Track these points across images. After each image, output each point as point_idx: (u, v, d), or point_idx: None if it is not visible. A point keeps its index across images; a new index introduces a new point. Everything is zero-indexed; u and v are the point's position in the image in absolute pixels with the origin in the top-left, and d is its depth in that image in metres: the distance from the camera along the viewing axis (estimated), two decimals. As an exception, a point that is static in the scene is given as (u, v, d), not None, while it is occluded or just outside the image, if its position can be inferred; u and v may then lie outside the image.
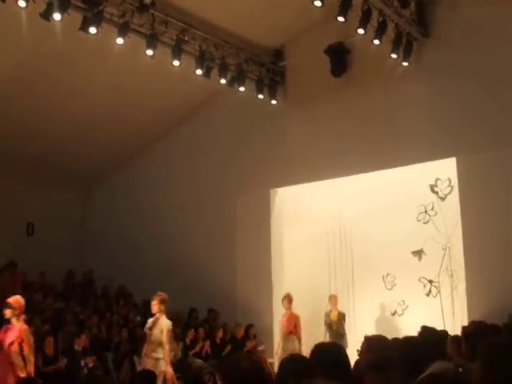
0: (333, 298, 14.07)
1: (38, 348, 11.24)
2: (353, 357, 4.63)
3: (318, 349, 4.16)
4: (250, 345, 13.65)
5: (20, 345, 8.50)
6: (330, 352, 4.13)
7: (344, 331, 13.76)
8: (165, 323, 10.21)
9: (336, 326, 13.72)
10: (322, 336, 13.58)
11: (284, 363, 4.00)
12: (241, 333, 14.24)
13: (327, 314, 13.92)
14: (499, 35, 12.03)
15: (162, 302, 10.28)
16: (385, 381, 3.98)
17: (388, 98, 13.24)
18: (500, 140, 11.74)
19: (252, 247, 14.97)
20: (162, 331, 10.09)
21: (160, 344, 10.05)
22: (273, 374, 11.72)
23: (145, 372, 8.02)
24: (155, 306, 10.27)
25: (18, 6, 9.82)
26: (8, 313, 8.70)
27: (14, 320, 8.67)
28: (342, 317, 13.94)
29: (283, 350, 13.10)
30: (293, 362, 3.99)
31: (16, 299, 8.88)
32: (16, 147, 15.34)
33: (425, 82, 12.88)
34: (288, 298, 13.64)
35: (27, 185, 16.92)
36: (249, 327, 14.25)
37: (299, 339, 13.46)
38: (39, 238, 17.41)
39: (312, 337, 13.36)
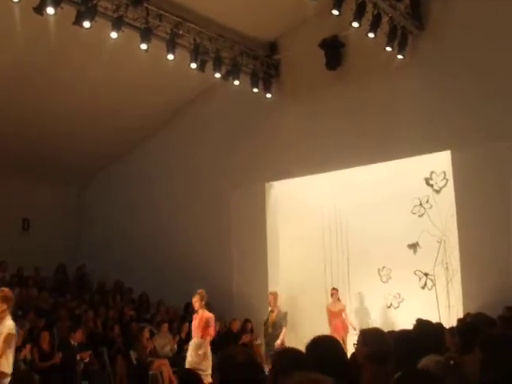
0: (271, 296, 12.76)
1: (34, 343, 11.29)
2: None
3: (314, 343, 4.17)
4: (246, 339, 13.63)
5: None
6: (325, 346, 4.13)
7: (283, 332, 12.36)
8: (7, 325, 7.73)
9: (272, 328, 12.33)
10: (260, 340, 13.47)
11: (278, 357, 4.01)
12: (236, 326, 14.24)
13: (268, 314, 12.72)
14: (494, 28, 12.02)
15: (4, 299, 7.86)
16: (381, 373, 3.99)
17: (383, 91, 13.22)
18: (495, 133, 11.75)
19: (248, 241, 14.98)
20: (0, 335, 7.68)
21: None
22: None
23: (138, 367, 8.07)
24: None
25: (11, 0, 9.76)
26: None
27: None
28: (282, 317, 12.50)
29: (191, 357, 10.59)
30: (287, 355, 3.99)
31: None
32: (11, 143, 15.31)
33: (420, 75, 12.87)
34: (200, 297, 10.91)
35: (22, 180, 16.89)
36: (246, 322, 14.26)
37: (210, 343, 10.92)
38: (35, 234, 17.41)
39: (310, 334, 13.36)
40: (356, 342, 4.41)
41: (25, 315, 12.86)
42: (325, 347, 4.09)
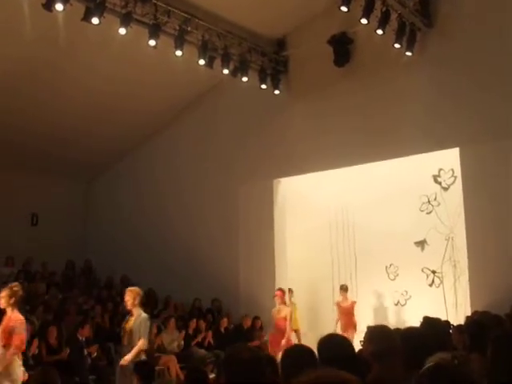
0: (130, 293, 8.86)
1: (42, 337, 11.33)
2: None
3: (324, 341, 4.18)
4: (256, 343, 13.32)
5: None
6: (335, 344, 4.14)
7: (137, 345, 8.53)
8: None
9: (129, 338, 8.66)
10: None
11: (287, 354, 4.01)
12: (248, 323, 14.22)
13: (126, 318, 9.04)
14: (503, 26, 11.97)
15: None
16: (387, 370, 3.99)
17: (391, 88, 13.18)
18: (503, 131, 11.69)
19: (255, 237, 14.97)
20: None
21: None
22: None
23: (144, 362, 8.08)
24: None
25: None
26: None
27: None
28: (142, 323, 8.67)
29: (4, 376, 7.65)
30: (296, 352, 4.00)
31: None
32: (20, 138, 15.37)
33: (428, 72, 12.83)
34: (10, 292, 7.98)
35: (31, 176, 16.97)
36: (255, 319, 14.24)
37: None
38: (43, 229, 17.48)
39: (316, 331, 13.40)
40: (362, 340, 4.42)
41: (33, 310, 12.93)
42: (334, 345, 4.09)
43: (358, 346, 4.62)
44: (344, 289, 13.91)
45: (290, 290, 14.22)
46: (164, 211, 16.79)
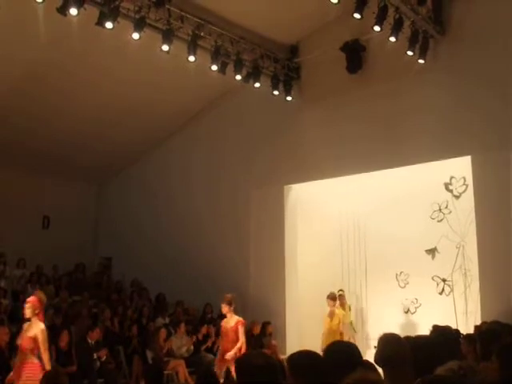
0: None
1: (52, 341, 11.35)
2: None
3: (331, 347, 4.18)
4: (268, 351, 13.13)
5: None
6: (342, 350, 4.13)
7: None
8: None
9: None
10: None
11: (295, 359, 4.01)
12: (257, 330, 14.17)
13: None
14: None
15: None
16: (397, 377, 3.99)
17: (403, 95, 13.15)
18: (515, 139, 11.65)
19: (266, 242, 14.98)
20: None
21: None
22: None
23: (153, 366, 8.11)
24: None
25: (35, 0, 9.85)
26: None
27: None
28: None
29: None
30: (304, 357, 4.00)
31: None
32: (32, 141, 15.47)
33: (441, 79, 12.78)
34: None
35: (43, 179, 17.08)
36: (265, 324, 14.19)
37: None
38: (55, 232, 17.56)
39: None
40: (375, 346, 4.42)
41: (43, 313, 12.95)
42: (341, 351, 4.09)
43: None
44: (227, 302, 10.74)
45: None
46: (176, 215, 16.81)
